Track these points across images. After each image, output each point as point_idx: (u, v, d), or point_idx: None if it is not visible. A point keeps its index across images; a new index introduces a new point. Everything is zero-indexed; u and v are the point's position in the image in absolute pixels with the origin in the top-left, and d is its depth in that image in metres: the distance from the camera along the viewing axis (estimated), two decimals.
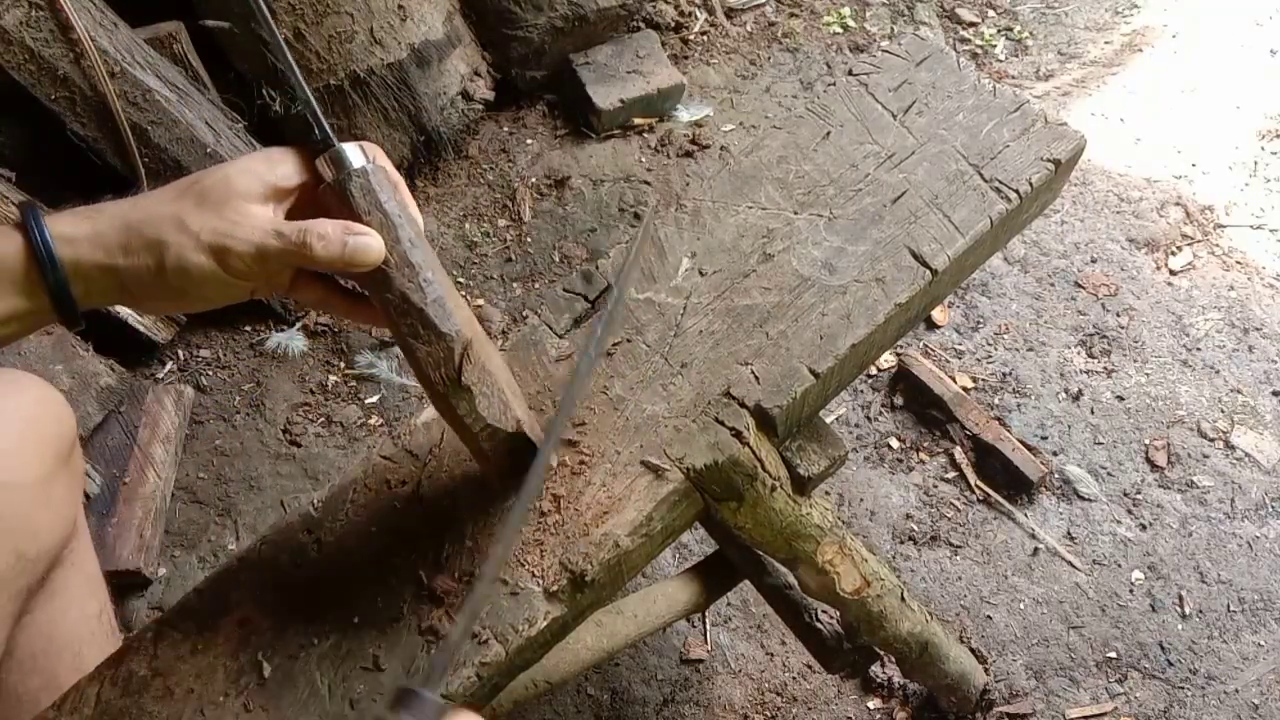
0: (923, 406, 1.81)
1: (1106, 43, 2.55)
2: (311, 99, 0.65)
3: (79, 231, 0.61)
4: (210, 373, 1.89)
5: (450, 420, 0.69)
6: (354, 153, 0.63)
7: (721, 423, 0.79)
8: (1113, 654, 1.54)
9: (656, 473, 0.77)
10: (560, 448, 0.80)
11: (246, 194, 0.62)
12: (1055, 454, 1.75)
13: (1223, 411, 1.80)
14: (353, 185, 0.63)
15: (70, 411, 0.97)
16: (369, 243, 0.61)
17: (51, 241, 0.60)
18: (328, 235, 0.61)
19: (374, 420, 1.82)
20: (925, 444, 1.78)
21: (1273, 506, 1.68)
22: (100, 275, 0.61)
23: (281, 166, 0.64)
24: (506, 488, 0.76)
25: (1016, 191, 0.89)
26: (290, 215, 0.66)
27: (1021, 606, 1.59)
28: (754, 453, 0.79)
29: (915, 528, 1.68)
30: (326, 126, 0.64)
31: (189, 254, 0.60)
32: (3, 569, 0.88)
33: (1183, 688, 1.50)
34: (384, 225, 0.62)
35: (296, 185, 0.65)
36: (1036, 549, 1.65)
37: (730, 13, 2.55)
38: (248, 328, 1.93)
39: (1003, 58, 2.52)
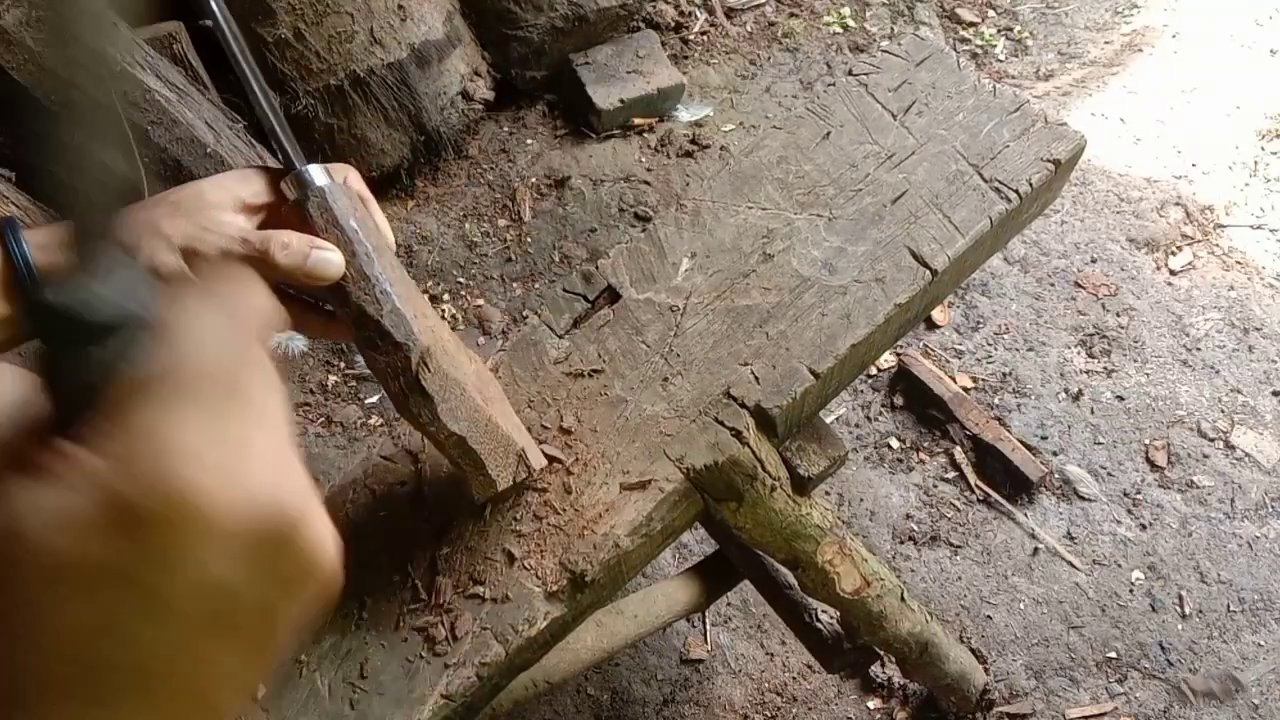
0: (923, 406, 1.81)
1: (1106, 43, 2.55)
2: (278, 127, 0.67)
3: (53, 239, 0.64)
4: None
5: (421, 431, 0.70)
6: (318, 174, 0.66)
7: (721, 423, 0.79)
8: (1113, 654, 1.54)
9: (643, 488, 0.77)
10: (558, 437, 0.80)
11: (218, 205, 0.65)
12: (1055, 454, 1.75)
13: (1223, 411, 1.80)
14: (310, 205, 0.65)
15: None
16: (329, 257, 0.64)
17: (27, 247, 0.63)
18: (290, 245, 0.63)
19: (374, 420, 1.82)
20: (925, 444, 1.78)
21: (1273, 506, 1.68)
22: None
23: (253, 184, 0.67)
24: (488, 494, 0.75)
25: (1016, 191, 0.89)
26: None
27: (1021, 606, 1.59)
28: (754, 453, 0.79)
29: (915, 528, 1.68)
30: (290, 150, 0.67)
31: (159, 254, 0.63)
32: None
33: (1183, 688, 1.50)
34: (341, 241, 0.65)
35: (266, 203, 0.68)
36: (1036, 549, 1.65)
37: (730, 13, 2.55)
38: None
39: (1003, 58, 2.52)
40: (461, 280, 2.03)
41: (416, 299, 0.69)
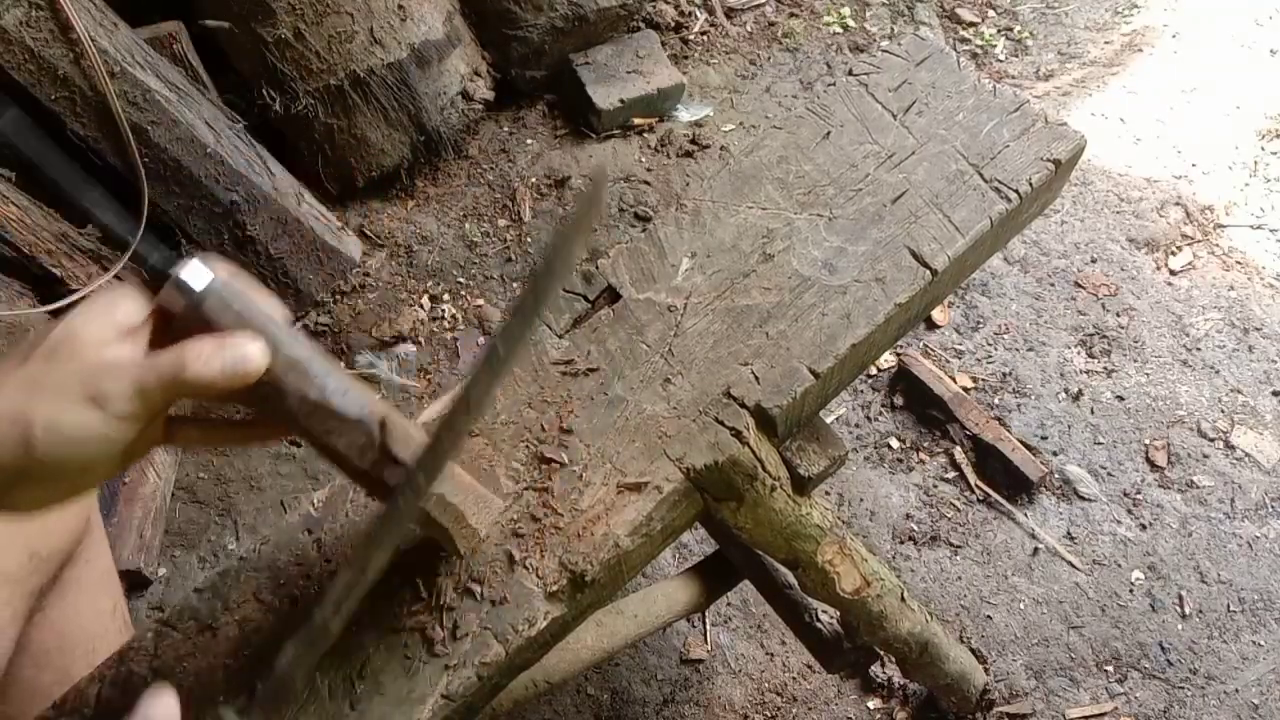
0: (923, 406, 1.81)
1: (1106, 43, 2.55)
2: (129, 234, 0.61)
3: None
4: None
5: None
6: (196, 272, 0.58)
7: (721, 423, 0.79)
8: (1113, 654, 1.54)
9: (643, 488, 0.77)
10: (557, 439, 0.80)
11: (97, 340, 0.56)
12: (1055, 454, 1.75)
13: (1223, 411, 1.80)
14: (208, 305, 0.58)
15: None
16: (247, 351, 0.57)
17: None
18: (204, 353, 0.56)
19: None
20: (925, 444, 1.78)
21: (1273, 506, 1.68)
22: None
23: (123, 304, 0.59)
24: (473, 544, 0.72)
25: (1016, 191, 0.89)
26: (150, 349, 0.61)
27: (1021, 606, 1.59)
28: (754, 453, 0.79)
29: (915, 528, 1.68)
30: (153, 255, 0.60)
31: (63, 415, 0.54)
32: (16, 568, 0.88)
33: (1183, 688, 1.50)
34: (258, 334, 0.58)
35: (144, 319, 0.59)
36: (1036, 549, 1.65)
37: (730, 13, 2.55)
38: None
39: (1003, 58, 2.52)
40: (461, 280, 2.03)
41: (341, 372, 0.63)
